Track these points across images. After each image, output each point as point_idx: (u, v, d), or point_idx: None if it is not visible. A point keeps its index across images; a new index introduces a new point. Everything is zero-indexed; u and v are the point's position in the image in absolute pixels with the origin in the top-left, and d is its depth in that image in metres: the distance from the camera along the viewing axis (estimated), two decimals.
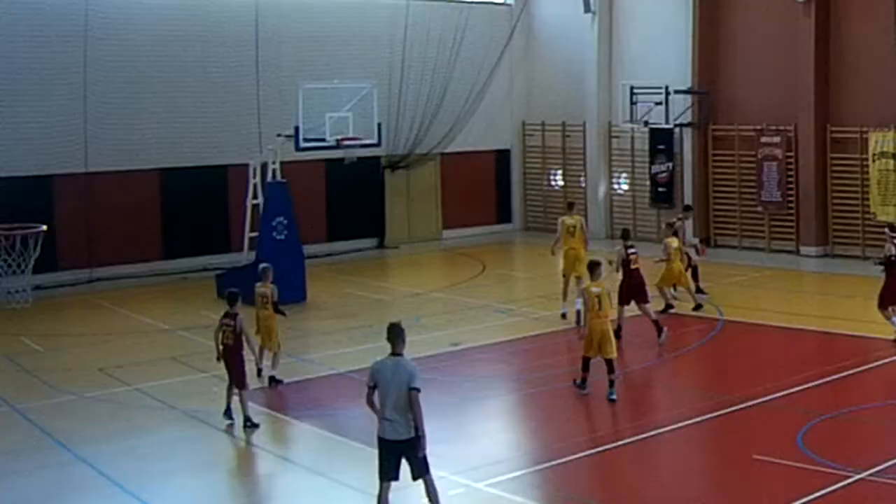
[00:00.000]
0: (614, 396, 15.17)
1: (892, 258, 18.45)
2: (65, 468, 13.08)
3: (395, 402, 10.29)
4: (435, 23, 31.03)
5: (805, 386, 14.73)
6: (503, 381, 17.14)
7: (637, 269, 18.84)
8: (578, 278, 19.86)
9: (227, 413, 14.47)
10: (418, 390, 10.26)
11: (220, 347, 14.49)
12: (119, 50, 25.98)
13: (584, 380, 15.58)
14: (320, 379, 17.12)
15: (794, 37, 27.09)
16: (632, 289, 18.74)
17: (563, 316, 20.22)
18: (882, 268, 18.55)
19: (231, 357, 14.48)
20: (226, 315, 14.54)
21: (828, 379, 15.30)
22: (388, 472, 10.51)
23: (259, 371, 16.45)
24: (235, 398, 14.42)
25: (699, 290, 21.52)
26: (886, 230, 20.42)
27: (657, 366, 17.45)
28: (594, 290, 15.48)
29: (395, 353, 10.58)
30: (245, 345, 14.68)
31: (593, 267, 15.90)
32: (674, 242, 20.55)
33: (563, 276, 20.59)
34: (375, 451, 10.59)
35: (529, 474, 12.39)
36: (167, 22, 26.86)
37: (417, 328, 20.16)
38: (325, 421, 14.51)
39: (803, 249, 27.06)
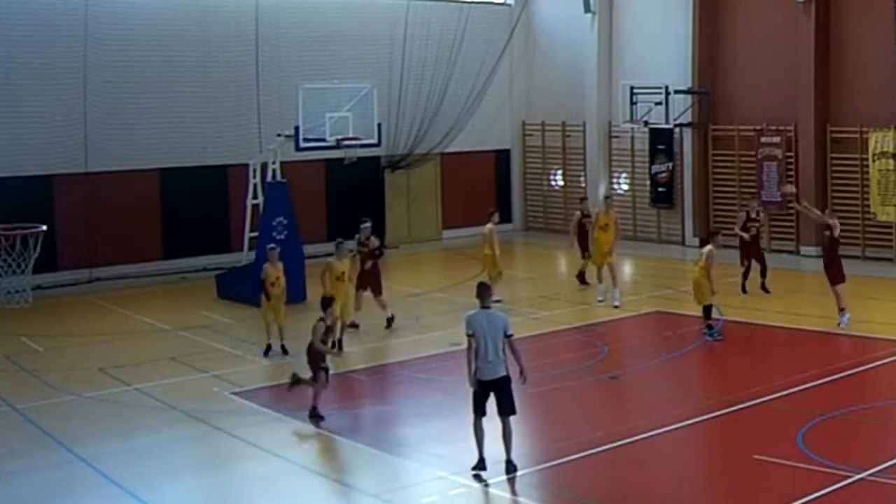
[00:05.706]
0: None
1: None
2: (65, 468, 13.06)
3: (494, 347, 12.09)
4: (435, 23, 31.05)
5: (805, 386, 14.71)
6: None
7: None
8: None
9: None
10: (512, 335, 12.25)
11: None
12: (119, 50, 25.98)
13: None
14: None
15: (794, 37, 27.08)
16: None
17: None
18: None
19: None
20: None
21: (828, 379, 15.28)
22: (480, 409, 12.28)
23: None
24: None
25: None
26: None
27: (657, 366, 17.44)
28: None
29: (484, 306, 12.39)
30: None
31: None
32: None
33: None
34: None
35: (529, 474, 12.37)
36: (167, 22, 26.85)
37: (417, 328, 20.17)
38: (325, 421, 14.49)
39: (803, 249, 27.03)
